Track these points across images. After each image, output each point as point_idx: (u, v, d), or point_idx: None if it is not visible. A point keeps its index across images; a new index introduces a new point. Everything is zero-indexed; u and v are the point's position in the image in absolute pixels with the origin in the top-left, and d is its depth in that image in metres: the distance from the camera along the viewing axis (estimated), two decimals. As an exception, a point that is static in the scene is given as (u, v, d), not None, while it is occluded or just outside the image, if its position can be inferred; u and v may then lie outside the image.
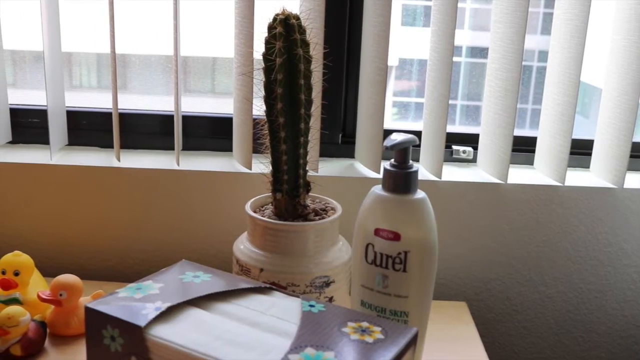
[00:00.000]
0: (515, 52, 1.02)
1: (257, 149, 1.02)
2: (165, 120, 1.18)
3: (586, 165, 1.15)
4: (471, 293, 1.12)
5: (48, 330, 0.89)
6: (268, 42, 0.81)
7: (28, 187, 1.11)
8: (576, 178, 1.10)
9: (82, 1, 1.18)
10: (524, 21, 0.99)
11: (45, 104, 1.08)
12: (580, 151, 1.14)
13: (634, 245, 1.09)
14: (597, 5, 1.02)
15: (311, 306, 0.68)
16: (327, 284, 0.84)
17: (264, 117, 0.85)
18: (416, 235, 0.74)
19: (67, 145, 1.19)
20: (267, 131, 0.85)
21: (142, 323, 0.62)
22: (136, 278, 1.11)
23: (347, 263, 0.86)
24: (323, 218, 0.86)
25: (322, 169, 1.09)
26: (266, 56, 0.81)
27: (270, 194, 0.89)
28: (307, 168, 0.87)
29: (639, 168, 1.15)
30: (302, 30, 0.82)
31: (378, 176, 1.07)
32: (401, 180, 0.74)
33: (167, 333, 0.62)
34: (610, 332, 1.14)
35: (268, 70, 0.82)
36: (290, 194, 0.86)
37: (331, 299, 0.85)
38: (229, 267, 0.91)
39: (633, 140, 1.04)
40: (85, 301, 0.91)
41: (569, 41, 1.03)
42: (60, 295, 0.88)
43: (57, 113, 1.12)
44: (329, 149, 1.15)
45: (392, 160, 0.76)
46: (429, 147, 1.08)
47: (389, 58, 1.02)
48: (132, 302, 0.66)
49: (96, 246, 1.13)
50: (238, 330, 0.63)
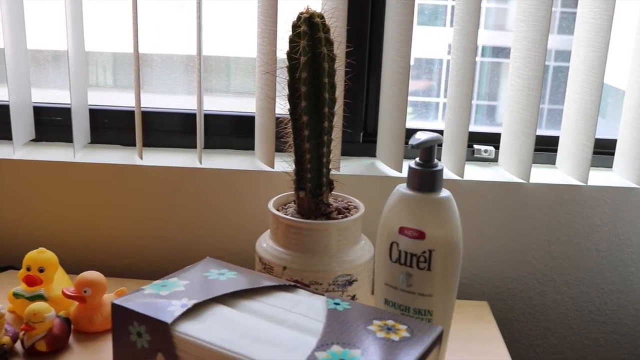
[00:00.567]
0: (538, 52, 1.01)
1: (279, 148, 1.03)
2: (186, 118, 1.18)
3: (609, 164, 1.14)
4: (492, 292, 1.12)
5: (72, 326, 0.90)
6: (292, 41, 0.81)
7: (51, 185, 1.12)
8: (599, 178, 1.10)
9: (101, 1, 1.19)
10: (547, 20, 0.98)
11: (68, 102, 1.09)
12: (602, 151, 1.13)
13: (657, 245, 1.09)
14: (621, 4, 1.02)
15: (336, 304, 0.68)
16: (350, 283, 0.84)
17: (288, 116, 0.85)
18: (441, 234, 0.74)
19: (89, 143, 1.20)
20: (291, 129, 0.85)
21: (169, 320, 0.63)
22: (157, 276, 1.11)
23: (370, 262, 0.86)
24: (346, 217, 0.86)
25: (344, 168, 1.09)
26: (290, 54, 0.82)
27: (293, 192, 0.89)
28: (330, 167, 0.87)
29: (662, 168, 1.14)
30: (327, 28, 0.82)
31: (400, 175, 1.07)
32: (426, 178, 0.74)
33: (194, 330, 0.62)
34: (632, 333, 1.13)
35: (292, 68, 0.82)
36: (313, 193, 0.86)
37: (353, 298, 0.85)
38: (251, 265, 0.91)
39: (657, 140, 1.03)
40: (109, 298, 0.92)
41: (593, 40, 1.02)
42: (84, 292, 0.89)
43: (80, 111, 1.13)
44: (350, 148, 1.15)
45: (417, 158, 0.76)
46: (451, 146, 1.08)
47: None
48: (159, 299, 0.67)
49: (117, 243, 1.14)
50: (264, 327, 0.63)
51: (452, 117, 1.07)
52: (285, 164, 0.89)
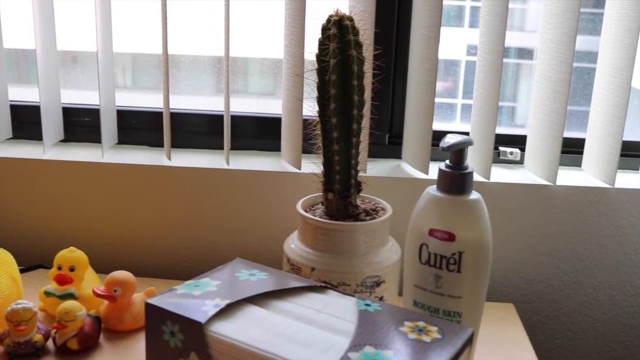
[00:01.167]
0: (565, 53, 1.01)
1: (306, 149, 1.03)
2: (211, 119, 1.19)
3: (635, 167, 1.14)
4: (517, 295, 1.12)
5: (102, 325, 0.91)
6: (322, 43, 0.82)
7: (80, 185, 1.13)
8: (626, 180, 1.09)
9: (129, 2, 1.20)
10: (575, 22, 0.98)
11: (96, 104, 1.10)
12: (629, 153, 1.13)
13: (685, 248, 1.08)
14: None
15: (367, 305, 0.68)
16: (378, 284, 0.84)
17: (316, 118, 0.85)
18: (471, 236, 0.74)
19: (117, 144, 1.21)
20: (320, 131, 0.85)
21: (203, 319, 0.63)
22: (183, 276, 1.13)
23: (397, 263, 0.86)
24: (374, 218, 0.87)
25: (370, 170, 1.09)
26: (320, 57, 0.82)
27: (320, 194, 0.89)
28: (358, 168, 0.88)
29: (690, 170, 1.14)
30: (356, 31, 0.82)
31: (426, 177, 1.07)
32: (457, 181, 0.75)
33: (228, 330, 0.63)
34: (659, 336, 1.13)
35: (322, 71, 0.82)
36: (341, 194, 0.86)
37: (381, 299, 0.85)
38: (277, 266, 0.91)
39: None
40: (138, 297, 0.93)
41: (620, 42, 1.02)
42: (114, 291, 0.90)
43: (109, 112, 1.14)
44: (376, 150, 1.15)
45: (447, 161, 0.76)
46: (477, 148, 1.08)
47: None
48: (192, 299, 0.67)
49: (144, 243, 1.15)
50: (296, 328, 0.64)
51: (479, 119, 1.07)
52: (312, 166, 0.89)
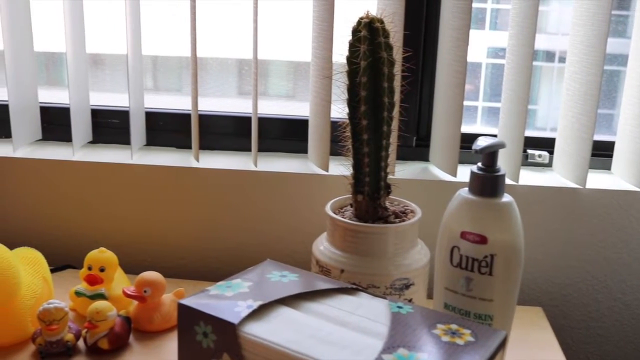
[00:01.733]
0: (595, 55, 1.00)
1: (333, 151, 1.04)
2: (238, 121, 1.20)
3: (666, 170, 1.13)
4: (545, 298, 1.11)
5: (132, 325, 0.92)
6: (352, 45, 0.82)
7: (108, 185, 1.14)
8: (656, 183, 1.08)
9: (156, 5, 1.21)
10: (606, 24, 0.98)
11: (125, 105, 1.11)
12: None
13: None
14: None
15: (399, 307, 0.68)
16: (407, 286, 0.84)
17: (345, 120, 0.85)
18: (503, 238, 0.74)
19: (145, 145, 1.22)
20: (349, 133, 0.85)
21: (236, 320, 0.64)
22: (209, 277, 1.14)
23: (426, 266, 0.86)
24: (403, 220, 0.87)
25: (398, 172, 1.09)
26: (350, 59, 0.82)
27: (349, 196, 0.89)
28: (388, 170, 0.87)
29: None
30: (386, 33, 0.82)
31: (454, 179, 1.06)
32: (489, 183, 0.75)
33: (261, 331, 0.63)
34: (689, 342, 1.12)
35: (352, 73, 0.82)
36: (371, 196, 0.86)
37: (410, 301, 0.85)
38: (304, 268, 0.92)
39: None
40: (167, 298, 0.94)
41: (652, 44, 1.01)
42: (144, 291, 0.91)
43: (137, 114, 1.15)
44: (403, 152, 1.15)
45: (479, 163, 0.76)
46: (506, 151, 1.07)
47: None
48: (224, 300, 0.68)
49: (172, 244, 1.16)
50: (329, 329, 0.64)
51: (507, 122, 1.07)
52: (339, 168, 0.89)
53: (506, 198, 0.75)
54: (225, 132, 1.21)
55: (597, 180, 1.09)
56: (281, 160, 1.16)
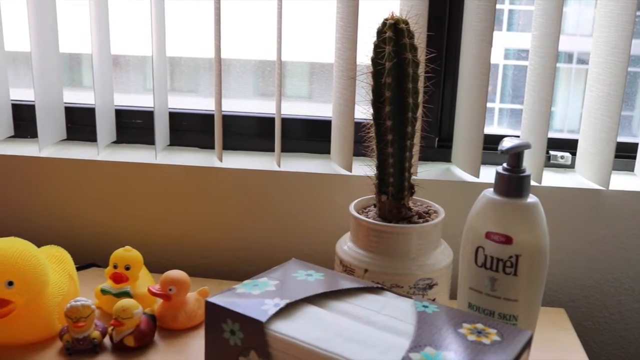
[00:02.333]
0: (620, 57, 1.00)
1: (355, 152, 1.04)
2: (259, 122, 1.21)
3: (689, 172, 1.12)
4: (567, 300, 1.11)
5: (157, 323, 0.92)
6: (377, 46, 0.83)
7: (133, 185, 1.15)
8: (680, 185, 1.08)
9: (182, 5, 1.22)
10: (631, 25, 0.97)
11: (149, 106, 1.12)
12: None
13: None
14: None
15: (425, 307, 0.69)
16: (430, 286, 0.85)
17: (369, 120, 0.86)
18: (528, 239, 0.74)
19: (168, 145, 1.23)
20: (374, 134, 0.86)
21: (263, 318, 0.64)
22: (232, 276, 1.14)
23: (449, 266, 0.86)
24: (427, 221, 0.87)
25: (420, 173, 1.09)
26: (376, 60, 0.83)
27: (373, 196, 0.90)
28: (412, 171, 0.88)
29: None
30: (411, 34, 0.83)
31: (477, 180, 1.07)
32: (514, 184, 0.75)
33: (288, 329, 0.64)
34: None
35: (377, 74, 0.83)
36: (395, 196, 0.86)
37: (433, 301, 0.85)
38: (328, 268, 0.92)
39: None
40: (192, 297, 0.94)
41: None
42: (169, 290, 0.91)
43: (161, 114, 1.16)
44: (425, 153, 1.15)
45: (505, 164, 0.76)
46: (529, 152, 1.07)
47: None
48: (251, 298, 0.68)
49: (195, 244, 1.17)
50: (356, 328, 0.64)
51: (530, 123, 1.07)
52: (362, 168, 0.90)
53: (531, 199, 0.75)
54: (247, 133, 1.22)
55: (620, 181, 1.09)
56: (304, 160, 1.17)
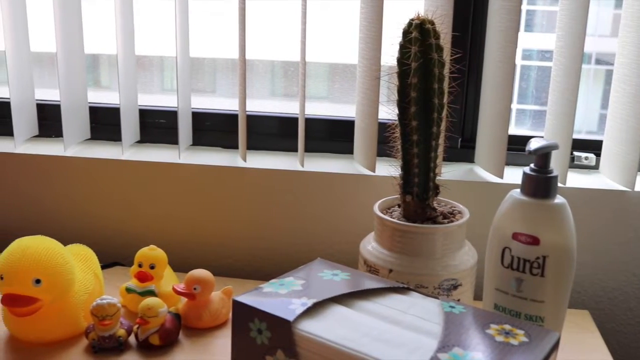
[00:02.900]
0: (646, 57, 1.00)
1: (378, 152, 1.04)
2: (283, 122, 1.21)
3: None
4: (591, 302, 1.10)
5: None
6: (403, 47, 0.83)
7: (157, 185, 1.16)
8: None
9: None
10: (658, 25, 0.97)
11: (173, 106, 1.13)
12: None
13: None
14: None
15: (451, 307, 0.69)
16: (455, 287, 0.84)
17: (394, 121, 0.86)
18: (556, 240, 0.74)
19: (191, 145, 1.23)
20: (399, 134, 0.86)
21: (291, 317, 0.64)
22: (255, 276, 1.15)
23: (474, 267, 0.86)
24: (451, 221, 0.87)
25: (443, 173, 1.09)
26: (401, 60, 0.83)
27: (397, 196, 0.90)
28: (436, 171, 0.88)
29: None
30: (437, 35, 0.83)
31: (500, 181, 1.06)
32: (542, 185, 0.75)
33: (315, 328, 0.64)
34: None
35: (402, 74, 0.83)
36: (420, 197, 0.86)
37: (459, 302, 0.85)
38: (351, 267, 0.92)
39: None
40: (216, 296, 0.95)
41: None
42: (194, 289, 0.92)
43: (185, 114, 1.17)
44: (448, 153, 1.15)
45: (532, 164, 0.76)
46: (553, 153, 1.06)
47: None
48: (278, 297, 0.69)
49: (218, 243, 1.17)
50: (383, 327, 0.64)
51: (554, 124, 1.06)
52: (386, 168, 0.90)
53: (559, 199, 0.75)
54: (269, 133, 1.22)
55: (646, 183, 1.08)
56: (327, 160, 1.17)
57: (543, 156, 0.75)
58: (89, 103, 1.24)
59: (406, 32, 0.82)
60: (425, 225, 0.85)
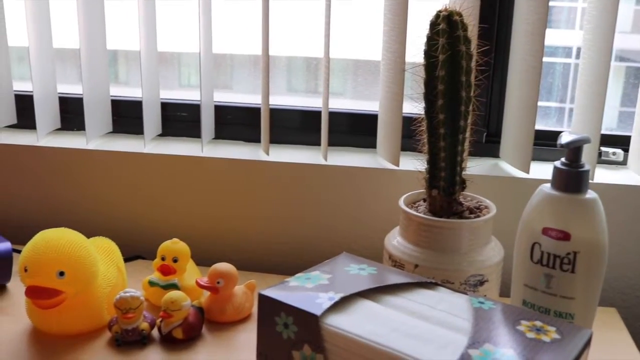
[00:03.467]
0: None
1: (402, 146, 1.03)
2: (306, 115, 1.20)
3: None
4: (618, 299, 1.09)
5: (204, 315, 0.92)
6: (431, 39, 0.81)
7: (179, 178, 1.16)
8: None
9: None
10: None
11: (195, 99, 1.12)
12: None
13: None
14: None
15: (481, 303, 0.68)
16: (481, 283, 0.83)
17: (420, 114, 0.85)
18: (587, 235, 0.72)
19: (213, 138, 1.23)
20: (425, 128, 0.85)
21: (318, 312, 0.64)
22: (277, 270, 1.14)
23: (500, 263, 0.85)
24: (478, 216, 0.86)
25: (469, 168, 1.08)
26: (429, 52, 0.82)
27: (422, 191, 0.89)
28: (463, 165, 0.87)
29: None
30: (465, 27, 0.81)
31: (527, 176, 1.05)
32: (573, 179, 0.73)
33: (343, 323, 0.63)
34: None
35: (430, 66, 0.82)
36: (446, 191, 0.85)
37: (487, 298, 0.84)
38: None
39: None
40: (239, 290, 0.94)
41: None
42: (217, 282, 0.91)
43: (207, 108, 1.17)
44: (473, 148, 1.13)
45: (563, 158, 0.74)
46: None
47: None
48: (305, 292, 0.68)
49: (239, 237, 1.17)
50: (412, 323, 0.64)
51: (582, 119, 1.05)
52: (410, 162, 0.88)
53: (591, 194, 0.74)
54: (291, 126, 1.21)
55: (675, 179, 1.06)
56: (350, 154, 1.16)
57: (574, 150, 0.73)
58: (111, 96, 1.23)
59: (434, 24, 0.81)
60: (451, 220, 0.84)
